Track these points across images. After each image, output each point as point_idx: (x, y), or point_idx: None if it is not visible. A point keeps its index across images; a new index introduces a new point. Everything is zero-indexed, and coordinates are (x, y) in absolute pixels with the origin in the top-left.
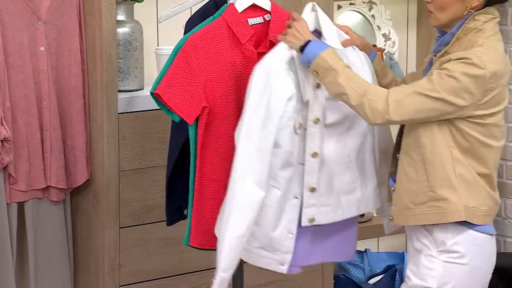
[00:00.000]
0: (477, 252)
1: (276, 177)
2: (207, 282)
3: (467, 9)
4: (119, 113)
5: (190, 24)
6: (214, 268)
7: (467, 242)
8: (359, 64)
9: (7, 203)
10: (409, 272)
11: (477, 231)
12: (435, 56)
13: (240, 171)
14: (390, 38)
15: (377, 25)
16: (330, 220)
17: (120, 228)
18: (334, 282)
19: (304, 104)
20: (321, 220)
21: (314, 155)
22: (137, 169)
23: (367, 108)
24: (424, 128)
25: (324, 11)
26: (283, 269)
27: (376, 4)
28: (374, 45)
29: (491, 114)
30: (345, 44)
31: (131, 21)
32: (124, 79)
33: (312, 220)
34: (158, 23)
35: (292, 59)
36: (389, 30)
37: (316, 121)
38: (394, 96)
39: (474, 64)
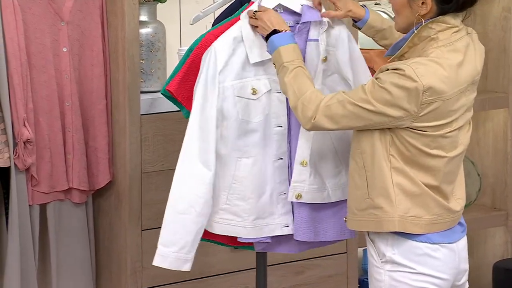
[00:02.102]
0: (424, 261)
1: (237, 147)
2: (232, 285)
3: (416, 16)
4: (141, 115)
5: (216, 23)
6: (239, 271)
7: (407, 252)
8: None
9: (29, 205)
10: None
11: (418, 241)
12: (387, 57)
13: (184, 151)
14: None
15: None
16: (315, 200)
17: (142, 230)
18: (358, 286)
19: (260, 68)
20: (307, 198)
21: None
22: (160, 171)
23: (299, 112)
24: (366, 134)
25: None
26: (289, 229)
27: None
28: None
29: (436, 127)
30: (325, 15)
31: (153, 21)
32: (146, 80)
33: (299, 196)
34: (190, 25)
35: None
36: None
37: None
38: (325, 101)
39: (406, 76)
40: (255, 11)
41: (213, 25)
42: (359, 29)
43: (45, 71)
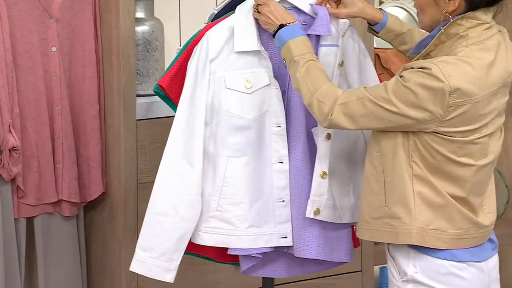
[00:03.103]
0: (450, 281)
1: (228, 145)
2: None
3: (443, 13)
4: (137, 120)
5: (214, 20)
6: None
7: (430, 270)
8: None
9: (15, 219)
10: None
11: (442, 258)
12: (410, 57)
13: (168, 147)
14: None
15: None
16: (330, 218)
17: None
18: None
19: (259, 60)
20: (324, 215)
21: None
22: None
23: (315, 109)
24: (387, 135)
25: None
26: (288, 241)
27: None
28: None
29: (464, 132)
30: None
31: (151, 18)
32: (143, 83)
33: (318, 212)
34: (204, 23)
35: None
36: None
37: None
38: (343, 97)
39: (432, 75)
40: (257, 5)
41: (212, 21)
42: (376, 33)
43: (32, 72)
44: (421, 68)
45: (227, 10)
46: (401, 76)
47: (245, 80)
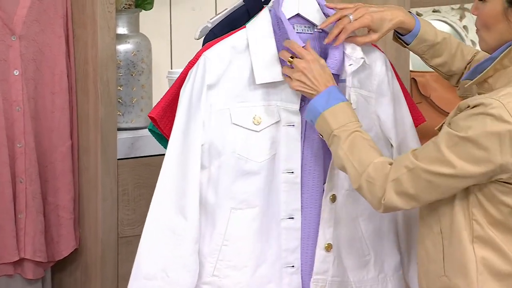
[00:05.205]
0: None
1: (232, 194)
2: None
3: None
4: (118, 159)
5: (210, 38)
6: None
7: None
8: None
9: None
10: None
11: None
12: (466, 83)
13: (156, 193)
14: None
15: (471, 40)
16: None
17: None
18: None
19: (269, 90)
20: None
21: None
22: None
23: (367, 193)
24: None
25: None
26: None
27: (469, 11)
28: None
29: None
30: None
31: (135, 35)
32: (125, 113)
33: None
34: (195, 39)
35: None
36: None
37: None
38: (393, 172)
39: (495, 116)
40: (292, 56)
41: (205, 39)
42: (406, 45)
43: None
44: (478, 105)
45: (225, 26)
46: (452, 124)
47: (253, 114)
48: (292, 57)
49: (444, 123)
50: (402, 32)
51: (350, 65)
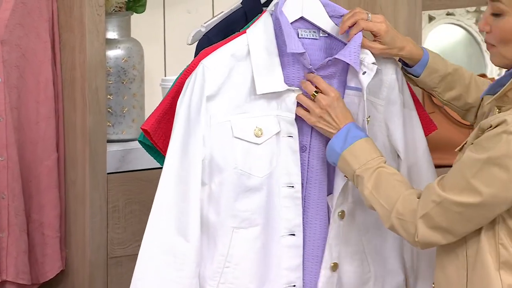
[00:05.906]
0: None
1: (234, 212)
2: None
3: None
4: (108, 173)
5: (204, 43)
6: None
7: None
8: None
9: None
10: None
11: None
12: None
13: (153, 212)
14: None
15: None
16: None
17: None
18: None
19: (270, 100)
20: None
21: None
22: (133, 255)
23: (401, 231)
24: None
25: (409, 24)
26: None
27: None
28: (484, 75)
29: None
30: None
31: (127, 39)
32: (116, 124)
33: None
34: (188, 44)
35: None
36: None
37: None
38: (421, 207)
39: None
40: (316, 91)
41: (198, 45)
42: (416, 77)
43: None
44: (501, 123)
45: (221, 30)
46: (476, 146)
47: (255, 126)
48: (316, 92)
49: (465, 144)
50: (410, 64)
51: (364, 73)
